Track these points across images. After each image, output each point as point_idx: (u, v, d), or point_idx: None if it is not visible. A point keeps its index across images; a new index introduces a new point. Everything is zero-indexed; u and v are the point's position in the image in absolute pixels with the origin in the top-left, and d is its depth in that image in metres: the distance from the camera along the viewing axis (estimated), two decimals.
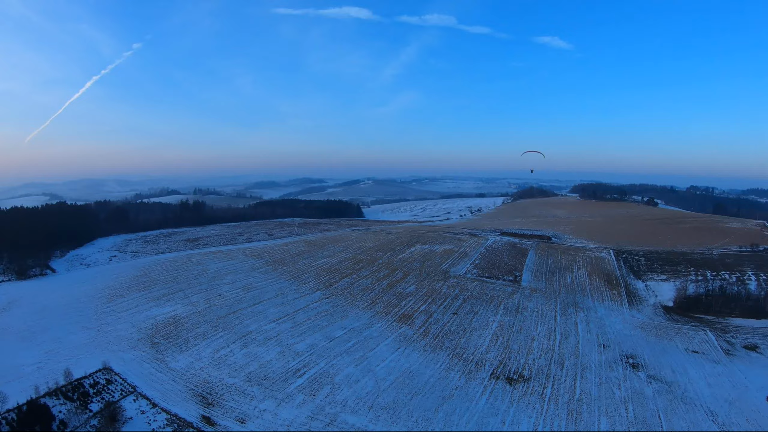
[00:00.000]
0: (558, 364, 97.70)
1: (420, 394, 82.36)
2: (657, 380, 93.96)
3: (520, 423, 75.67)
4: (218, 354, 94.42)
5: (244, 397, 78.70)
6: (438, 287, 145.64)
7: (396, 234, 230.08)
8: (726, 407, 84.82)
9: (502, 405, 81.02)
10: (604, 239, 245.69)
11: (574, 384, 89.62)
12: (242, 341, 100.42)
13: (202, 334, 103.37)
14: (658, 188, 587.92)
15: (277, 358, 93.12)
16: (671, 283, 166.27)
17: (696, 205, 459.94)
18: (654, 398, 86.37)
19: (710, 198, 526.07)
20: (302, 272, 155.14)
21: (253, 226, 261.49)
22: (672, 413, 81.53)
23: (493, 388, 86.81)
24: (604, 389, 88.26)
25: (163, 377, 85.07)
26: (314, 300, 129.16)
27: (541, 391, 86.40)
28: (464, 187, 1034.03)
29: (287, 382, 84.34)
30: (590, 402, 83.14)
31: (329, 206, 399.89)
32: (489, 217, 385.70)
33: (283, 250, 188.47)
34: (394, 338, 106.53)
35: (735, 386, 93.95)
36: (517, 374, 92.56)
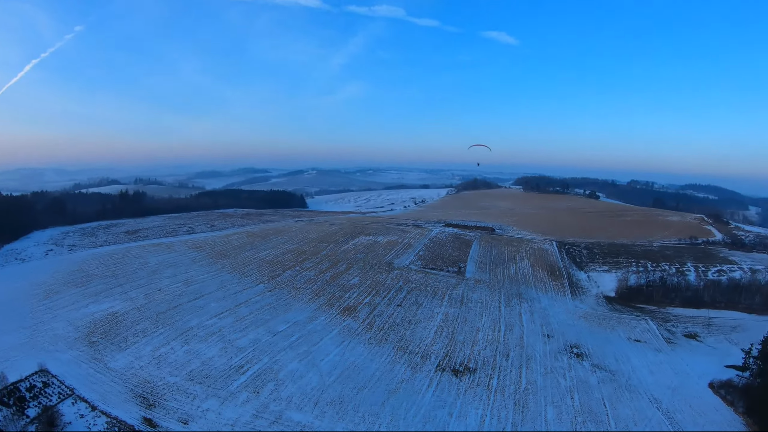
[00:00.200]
0: (503, 355, 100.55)
1: (366, 389, 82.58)
2: (601, 369, 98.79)
3: (468, 415, 77.19)
4: (159, 352, 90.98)
5: (187, 397, 76.22)
6: (382, 279, 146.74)
7: (339, 225, 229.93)
8: (669, 394, 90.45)
9: (449, 397, 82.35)
10: (547, 231, 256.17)
11: (519, 374, 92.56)
12: (183, 338, 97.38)
13: (141, 332, 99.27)
14: (600, 182, 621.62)
15: (219, 355, 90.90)
16: (613, 274, 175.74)
17: (636, 198, 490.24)
18: (599, 387, 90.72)
19: (650, 192, 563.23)
20: (245, 265, 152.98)
21: (194, 217, 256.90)
22: (617, 401, 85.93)
23: (440, 380, 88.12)
24: (550, 379, 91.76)
25: (103, 378, 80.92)
26: (257, 293, 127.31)
27: (487, 382, 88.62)
28: (408, 178, 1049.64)
29: (230, 379, 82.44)
30: (536, 392, 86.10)
31: (273, 197, 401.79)
32: (433, 208, 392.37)
33: (225, 241, 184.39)
34: (339, 331, 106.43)
35: (677, 373, 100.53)
36: (463, 366, 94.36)
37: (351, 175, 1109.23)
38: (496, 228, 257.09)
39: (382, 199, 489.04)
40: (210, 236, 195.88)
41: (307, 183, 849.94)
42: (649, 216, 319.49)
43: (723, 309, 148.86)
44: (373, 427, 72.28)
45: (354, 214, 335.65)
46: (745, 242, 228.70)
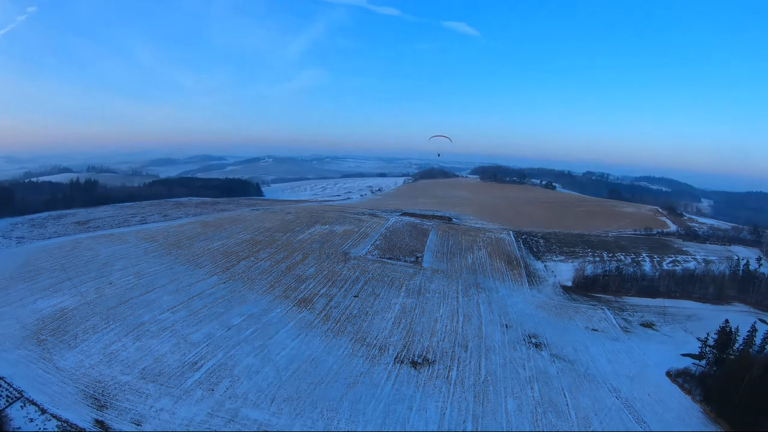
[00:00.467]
0: (462, 346, 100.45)
1: (323, 383, 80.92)
2: (560, 359, 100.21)
3: (428, 408, 76.45)
4: (110, 349, 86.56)
5: (139, 396, 72.83)
6: (338, 269, 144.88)
7: (295, 214, 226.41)
8: (628, 383, 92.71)
9: (408, 390, 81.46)
10: (504, 221, 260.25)
11: (479, 366, 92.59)
12: (135, 333, 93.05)
13: (91, 328, 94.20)
14: (556, 172, 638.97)
15: (172, 351, 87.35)
16: (570, 264, 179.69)
17: (592, 189, 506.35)
18: (558, 377, 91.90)
19: (605, 183, 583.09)
20: (198, 255, 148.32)
21: (147, 206, 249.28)
22: (576, 391, 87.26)
23: (398, 373, 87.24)
24: (509, 370, 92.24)
25: (52, 379, 76.64)
26: (211, 285, 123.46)
27: (446, 374, 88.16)
28: (366, 166, 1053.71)
29: (184, 377, 79.12)
30: (496, 383, 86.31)
31: (228, 185, 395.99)
32: (390, 197, 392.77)
33: (178, 232, 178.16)
34: (295, 324, 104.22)
35: (635, 362, 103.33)
36: (421, 358, 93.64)
37: (308, 163, 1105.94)
38: (454, 217, 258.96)
39: (339, 188, 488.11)
40: (163, 226, 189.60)
41: (263, 171, 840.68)
42: (605, 207, 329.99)
43: (678, 298, 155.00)
44: (332, 424, 70.66)
45: (310, 202, 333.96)
46: (698, 234, 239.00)
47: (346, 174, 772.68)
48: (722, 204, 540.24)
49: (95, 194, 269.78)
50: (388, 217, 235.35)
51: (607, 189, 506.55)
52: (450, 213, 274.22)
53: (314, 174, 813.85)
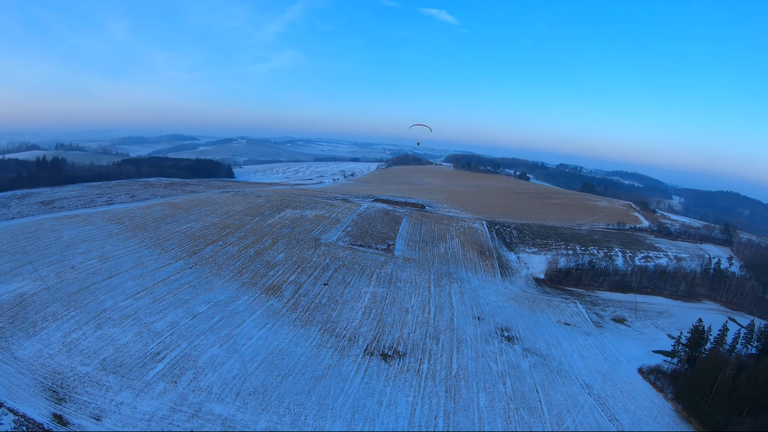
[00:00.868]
0: (433, 338, 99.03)
1: (291, 376, 78.46)
2: (533, 353, 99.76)
3: (398, 403, 74.80)
4: (70, 338, 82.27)
5: (99, 389, 69.26)
6: (308, 255, 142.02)
7: (266, 197, 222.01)
8: (600, 379, 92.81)
9: (378, 384, 79.63)
10: (477, 210, 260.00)
11: (450, 359, 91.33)
12: (96, 321, 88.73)
13: (51, 315, 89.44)
14: (530, 163, 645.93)
15: (134, 340, 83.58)
16: (542, 256, 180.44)
17: (565, 181, 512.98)
18: (531, 372, 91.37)
19: (578, 176, 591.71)
20: (164, 239, 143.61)
21: (115, 186, 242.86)
22: (549, 387, 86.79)
23: (368, 365, 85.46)
24: (481, 364, 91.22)
25: (9, 369, 72.26)
26: (176, 270, 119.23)
27: (417, 367, 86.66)
28: (339, 150, 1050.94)
29: (146, 368, 75.63)
30: (468, 378, 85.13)
31: (199, 166, 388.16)
32: (363, 182, 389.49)
33: (145, 213, 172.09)
34: (262, 312, 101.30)
35: (607, 358, 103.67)
36: (392, 350, 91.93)
37: (281, 146, 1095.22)
38: (427, 205, 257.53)
39: (311, 171, 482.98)
40: (130, 207, 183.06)
41: (235, 152, 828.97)
42: (579, 200, 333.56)
43: (649, 294, 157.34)
44: (299, 420, 68.34)
45: (282, 186, 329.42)
46: (671, 230, 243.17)
47: (320, 158, 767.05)
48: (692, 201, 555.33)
49: (62, 173, 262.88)
50: (361, 202, 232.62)
51: (580, 182, 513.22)
52: (423, 200, 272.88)
53: (287, 157, 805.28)
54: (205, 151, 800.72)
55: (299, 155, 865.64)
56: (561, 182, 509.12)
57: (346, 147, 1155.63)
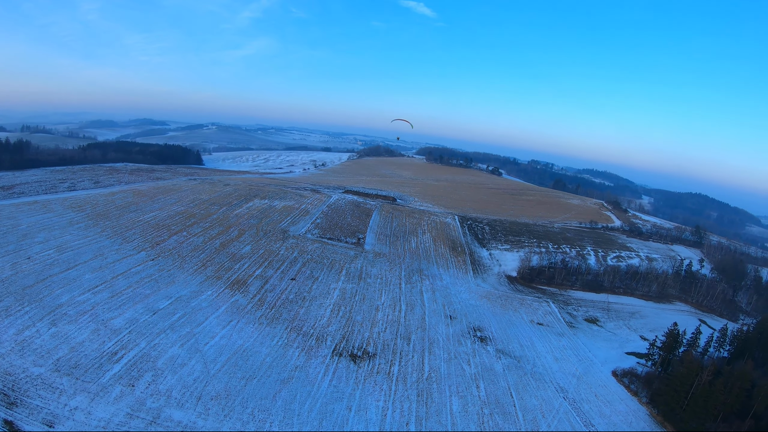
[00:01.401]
0: (404, 338, 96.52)
1: (255, 378, 74.53)
2: (506, 355, 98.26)
3: (368, 408, 71.96)
4: (22, 336, 76.33)
5: (53, 393, 64.18)
6: (276, 248, 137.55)
7: (234, 186, 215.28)
8: (575, 383, 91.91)
9: (347, 387, 76.53)
10: (449, 204, 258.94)
11: (422, 360, 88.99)
12: (51, 317, 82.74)
13: (4, 310, 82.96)
14: (501, 158, 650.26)
15: (90, 339, 78.00)
16: (515, 253, 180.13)
17: (536, 178, 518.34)
18: (504, 374, 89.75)
19: (550, 173, 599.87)
20: (127, 228, 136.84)
21: (79, 171, 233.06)
22: (523, 390, 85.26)
23: (336, 367, 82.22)
24: (454, 366, 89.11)
25: None
26: (137, 262, 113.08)
27: (388, 369, 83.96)
28: (310, 139, 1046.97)
29: (102, 369, 70.48)
30: (440, 380, 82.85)
31: (166, 152, 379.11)
32: (333, 172, 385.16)
33: (108, 201, 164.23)
34: (226, 309, 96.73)
35: (581, 360, 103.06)
36: (361, 350, 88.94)
37: (252, 133, 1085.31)
38: (398, 198, 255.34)
39: (282, 160, 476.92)
40: (92, 194, 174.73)
41: (206, 138, 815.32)
42: (551, 197, 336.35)
43: (621, 294, 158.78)
44: (264, 426, 64.84)
45: (251, 174, 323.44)
46: (642, 231, 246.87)
47: (290, 146, 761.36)
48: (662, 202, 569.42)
49: (26, 156, 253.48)
50: (331, 194, 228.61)
51: (552, 179, 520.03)
52: (394, 193, 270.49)
53: (258, 144, 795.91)
54: (175, 136, 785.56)
55: (270, 143, 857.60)
56: (533, 179, 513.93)
57: (318, 136, 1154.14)
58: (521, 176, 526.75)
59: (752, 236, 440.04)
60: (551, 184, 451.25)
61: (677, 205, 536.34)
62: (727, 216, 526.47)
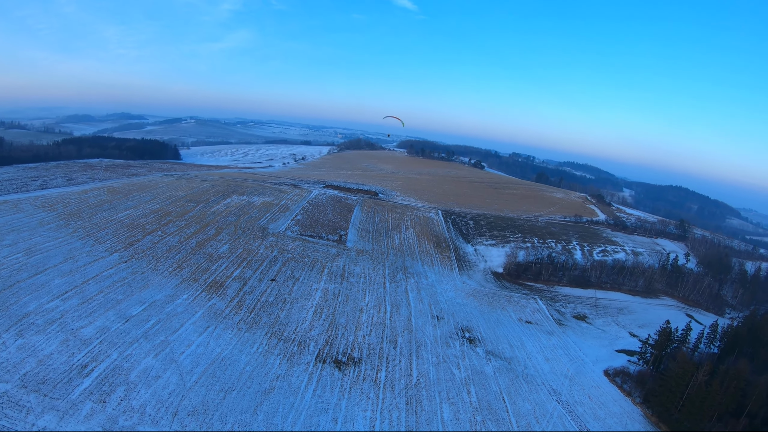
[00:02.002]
0: (391, 342, 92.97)
1: (234, 390, 69.85)
2: (496, 356, 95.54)
3: (355, 419, 68.13)
4: None
5: (19, 411, 59.03)
6: (255, 247, 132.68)
7: (212, 182, 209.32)
8: (567, 384, 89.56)
9: (332, 397, 72.57)
10: (432, 199, 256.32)
11: (410, 365, 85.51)
12: (18, 327, 76.78)
13: None
14: (483, 151, 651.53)
15: (59, 351, 72.44)
16: (500, 249, 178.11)
17: (518, 171, 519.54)
18: (495, 378, 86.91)
19: (531, 166, 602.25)
20: (100, 228, 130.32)
21: (53, 168, 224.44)
22: (516, 394, 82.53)
23: (320, 375, 78.12)
24: (443, 370, 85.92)
25: None
26: (110, 265, 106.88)
27: (374, 375, 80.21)
28: (290, 133, 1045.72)
29: (71, 384, 65.21)
30: (429, 386, 79.51)
31: (143, 146, 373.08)
32: (314, 166, 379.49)
33: (80, 199, 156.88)
34: (203, 314, 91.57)
35: (572, 360, 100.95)
36: (346, 356, 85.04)
37: (231, 127, 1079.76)
38: (380, 192, 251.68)
39: (261, 154, 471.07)
40: (65, 192, 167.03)
41: (184, 132, 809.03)
42: (535, 191, 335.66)
43: (609, 290, 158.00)
44: None
45: (230, 169, 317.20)
46: (627, 224, 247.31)
47: (270, 140, 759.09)
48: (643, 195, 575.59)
49: None
50: (311, 188, 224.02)
51: (533, 171, 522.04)
52: (376, 187, 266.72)
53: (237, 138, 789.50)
54: (153, 130, 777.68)
55: (249, 137, 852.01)
56: (515, 172, 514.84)
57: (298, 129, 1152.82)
58: (503, 169, 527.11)
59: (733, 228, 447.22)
60: (534, 177, 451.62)
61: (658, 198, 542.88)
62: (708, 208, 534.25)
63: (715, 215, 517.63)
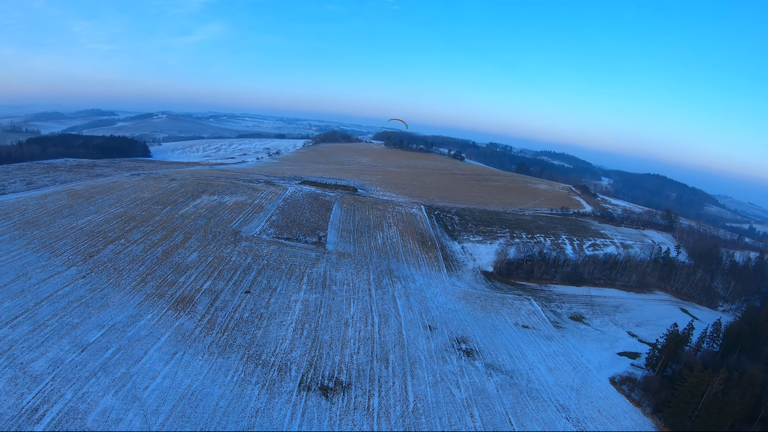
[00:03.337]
0: (382, 360, 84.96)
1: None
2: (497, 370, 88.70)
3: None
4: None
5: None
6: (227, 254, 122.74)
7: (181, 181, 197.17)
8: (575, 398, 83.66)
9: None
10: (413, 193, 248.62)
11: (405, 387, 77.68)
12: None
13: None
14: (461, 142, 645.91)
15: (6, 391, 62.18)
16: (489, 246, 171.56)
17: (497, 161, 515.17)
18: (499, 396, 79.93)
19: (510, 156, 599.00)
20: (57, 238, 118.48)
21: (14, 170, 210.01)
22: (522, 414, 75.80)
23: (305, 406, 69.36)
24: (442, 391, 78.43)
25: None
26: (66, 282, 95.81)
27: (366, 402, 72.08)
28: (264, 126, 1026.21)
29: None
30: (429, 412, 71.89)
31: (111, 144, 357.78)
32: (288, 161, 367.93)
33: (39, 205, 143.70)
34: (170, 337, 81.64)
35: (576, 368, 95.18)
36: (333, 380, 76.59)
37: (204, 121, 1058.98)
38: (359, 187, 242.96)
39: (234, 149, 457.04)
40: (23, 198, 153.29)
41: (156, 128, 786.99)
42: (518, 182, 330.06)
43: (602, 286, 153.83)
44: None
45: (201, 166, 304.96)
46: (614, 216, 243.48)
47: (243, 134, 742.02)
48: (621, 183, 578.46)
49: None
50: (287, 186, 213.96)
51: (512, 161, 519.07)
52: (354, 182, 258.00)
53: (210, 133, 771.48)
54: (124, 127, 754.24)
55: (222, 131, 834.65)
56: (494, 162, 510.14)
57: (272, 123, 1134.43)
58: (482, 160, 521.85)
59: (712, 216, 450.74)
60: (514, 167, 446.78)
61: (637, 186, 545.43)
62: (686, 196, 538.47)
63: (694, 203, 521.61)
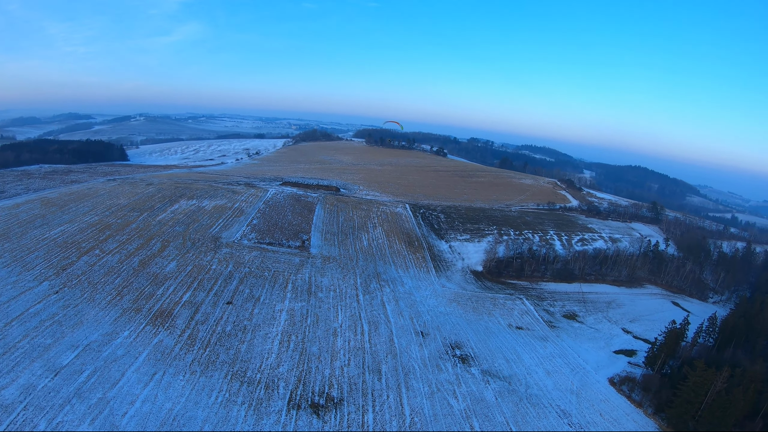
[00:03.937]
0: (374, 372, 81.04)
1: None
2: (494, 377, 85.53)
3: None
4: None
5: None
6: (206, 262, 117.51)
7: (158, 185, 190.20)
8: (575, 402, 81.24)
9: None
10: (397, 192, 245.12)
11: (399, 400, 73.90)
12: None
13: None
14: (442, 138, 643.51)
15: None
16: (476, 244, 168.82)
17: (479, 157, 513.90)
18: (498, 404, 76.70)
19: (491, 151, 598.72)
20: (29, 250, 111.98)
21: None
22: (523, 423, 72.79)
23: (296, 426, 64.96)
24: (439, 402, 74.87)
25: None
26: (38, 298, 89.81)
27: (360, 419, 68.09)
28: (243, 126, 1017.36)
29: None
30: (427, 426, 68.25)
31: (87, 148, 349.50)
32: (269, 161, 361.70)
33: (10, 215, 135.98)
34: (148, 355, 76.52)
35: (574, 370, 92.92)
36: (323, 396, 72.40)
37: (182, 123, 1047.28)
38: (341, 187, 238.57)
39: (213, 150, 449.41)
40: None
41: (133, 130, 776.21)
42: (502, 178, 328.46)
43: (594, 282, 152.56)
44: None
45: (179, 168, 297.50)
46: (600, 210, 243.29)
47: (222, 135, 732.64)
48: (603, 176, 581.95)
49: None
50: (267, 187, 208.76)
51: (494, 157, 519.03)
52: (337, 182, 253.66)
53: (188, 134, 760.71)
54: (101, 130, 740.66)
55: (201, 132, 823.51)
56: (475, 157, 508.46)
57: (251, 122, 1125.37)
58: (464, 155, 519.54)
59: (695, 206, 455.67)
60: (497, 162, 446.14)
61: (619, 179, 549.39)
62: (668, 187, 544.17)
63: (676, 194, 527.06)
